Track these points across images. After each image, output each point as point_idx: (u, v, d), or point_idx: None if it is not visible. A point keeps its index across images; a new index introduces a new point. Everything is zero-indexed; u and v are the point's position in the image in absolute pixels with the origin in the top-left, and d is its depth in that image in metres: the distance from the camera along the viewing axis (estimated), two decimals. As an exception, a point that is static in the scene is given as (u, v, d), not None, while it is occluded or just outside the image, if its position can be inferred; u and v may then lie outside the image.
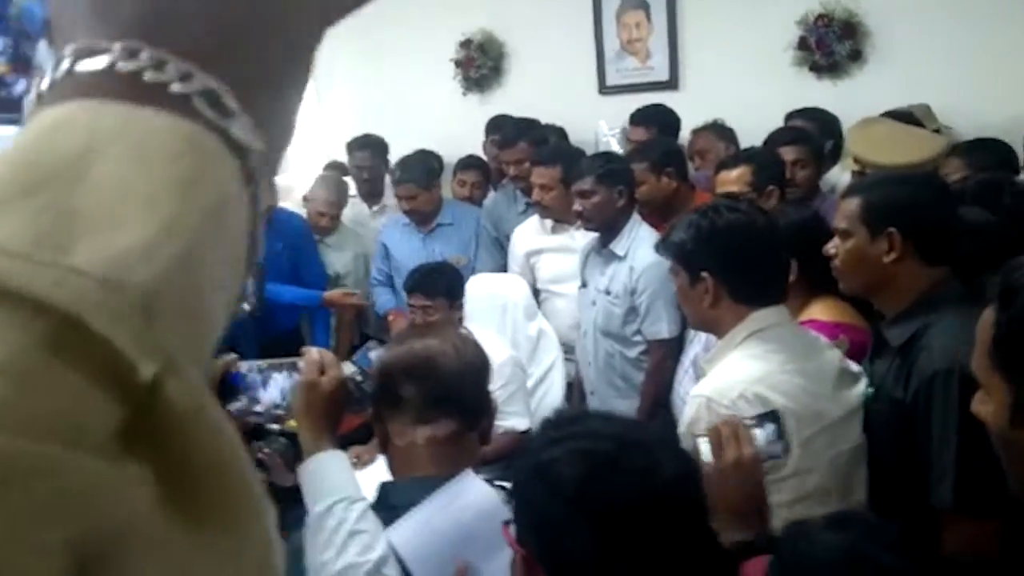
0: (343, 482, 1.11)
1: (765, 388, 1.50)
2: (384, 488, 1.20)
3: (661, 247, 1.79)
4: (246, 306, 1.15)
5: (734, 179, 2.58)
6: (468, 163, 3.93)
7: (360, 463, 2.83)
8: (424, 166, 3.60)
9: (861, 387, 1.64)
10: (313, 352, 1.19)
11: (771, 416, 1.19)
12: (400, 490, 1.17)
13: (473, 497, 1.14)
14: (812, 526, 0.83)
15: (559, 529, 0.81)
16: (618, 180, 2.70)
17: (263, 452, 1.54)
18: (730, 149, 3.17)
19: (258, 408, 1.22)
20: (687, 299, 1.65)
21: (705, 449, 1.12)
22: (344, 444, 2.92)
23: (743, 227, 1.66)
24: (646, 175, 2.88)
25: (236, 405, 1.21)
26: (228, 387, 1.20)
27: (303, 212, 3.86)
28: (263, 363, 1.23)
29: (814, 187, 2.88)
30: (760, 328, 1.57)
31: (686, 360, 2.52)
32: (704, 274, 1.58)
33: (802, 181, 2.79)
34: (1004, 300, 0.80)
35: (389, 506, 1.14)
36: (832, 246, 1.75)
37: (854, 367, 1.69)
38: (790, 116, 3.28)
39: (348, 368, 3.44)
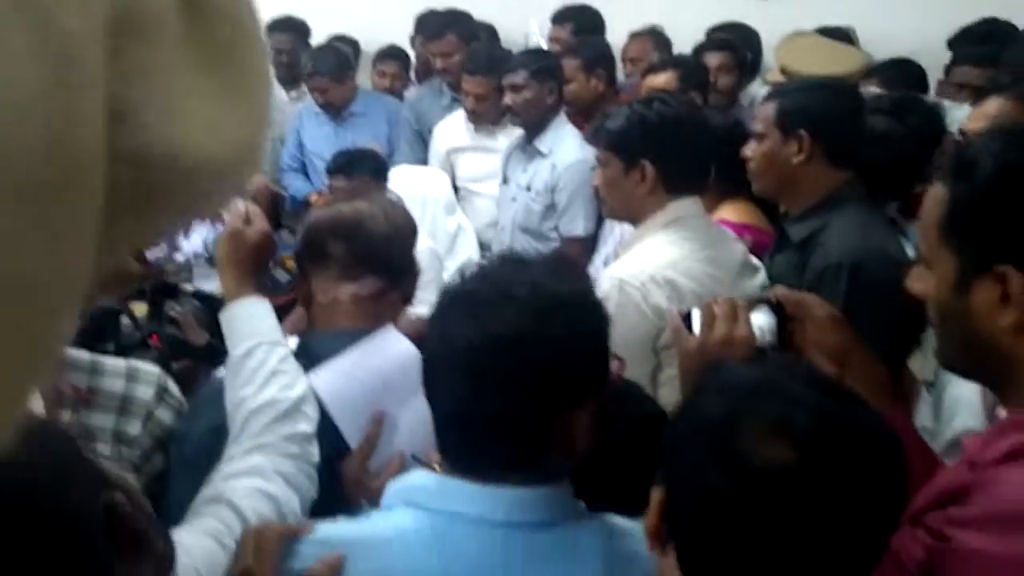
0: (265, 327, 1.12)
1: (676, 273, 1.59)
2: (305, 339, 1.22)
3: (593, 136, 1.82)
4: None
5: (660, 83, 2.62)
6: (388, 53, 3.82)
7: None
8: (337, 57, 3.48)
9: (760, 279, 1.75)
10: (239, 202, 1.18)
11: (771, 306, 1.13)
12: (322, 341, 1.19)
13: (393, 349, 1.17)
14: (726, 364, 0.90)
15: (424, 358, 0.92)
16: (549, 77, 2.70)
17: (176, 311, 1.53)
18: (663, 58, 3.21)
19: (178, 256, 1.21)
20: (616, 187, 1.69)
21: (696, 320, 1.09)
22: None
23: (683, 117, 1.72)
24: (576, 73, 2.89)
25: (155, 253, 1.19)
26: None
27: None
28: None
29: (733, 97, 2.96)
30: (679, 217, 1.65)
31: (598, 259, 2.60)
32: (644, 160, 1.63)
33: (724, 88, 2.86)
34: (959, 174, 0.86)
35: (310, 355, 1.16)
36: (748, 148, 1.83)
37: (755, 261, 1.79)
38: (713, 30, 3.33)
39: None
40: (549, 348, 0.84)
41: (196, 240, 1.20)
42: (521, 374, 0.83)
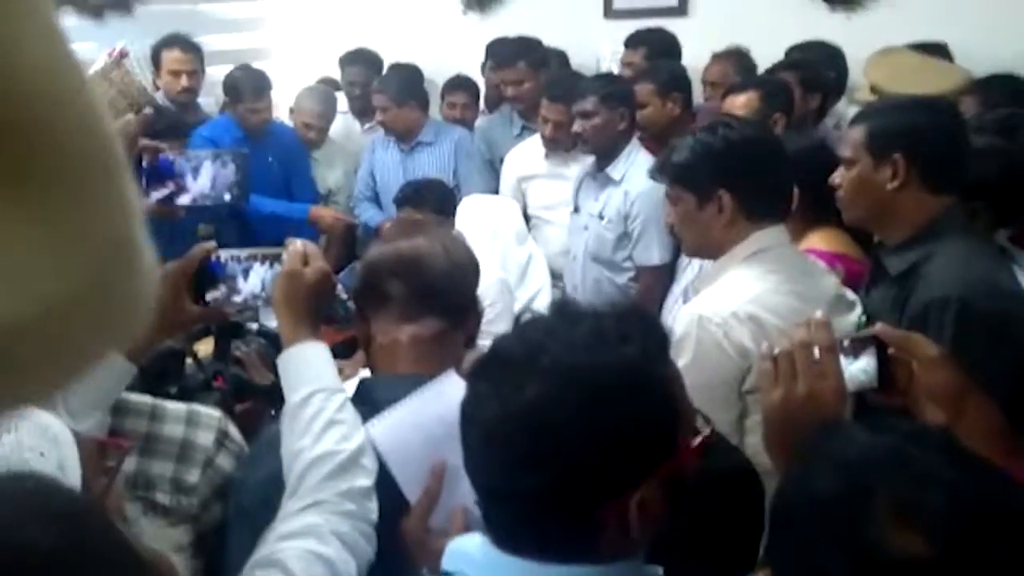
0: (323, 373, 1.07)
1: (758, 308, 1.47)
2: (364, 384, 1.17)
3: (659, 171, 1.72)
4: (227, 195, 1.08)
5: (741, 104, 2.51)
6: (457, 83, 3.82)
7: (343, 377, 2.80)
8: (401, 80, 3.50)
9: (855, 315, 1.61)
10: (297, 242, 1.14)
11: (870, 342, 1.02)
12: (381, 386, 1.13)
13: (456, 396, 1.10)
14: (843, 426, 0.78)
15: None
16: (620, 102, 2.62)
17: (240, 350, 1.51)
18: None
19: (236, 298, 1.18)
20: (692, 222, 1.59)
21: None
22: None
23: (754, 141, 1.62)
24: (651, 97, 2.80)
25: (214, 294, 1.16)
26: (207, 275, 1.15)
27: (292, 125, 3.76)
28: (244, 252, 1.17)
29: (816, 118, 2.81)
30: (762, 248, 1.53)
31: (677, 289, 2.50)
32: (719, 191, 1.53)
33: (802, 108, 2.71)
34: None
35: (369, 401, 1.10)
36: (838, 175, 1.70)
37: (850, 295, 1.66)
38: (792, 50, 3.18)
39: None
40: (581, 425, 0.73)
41: (255, 280, 1.16)
42: (554, 451, 0.73)
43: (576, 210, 2.86)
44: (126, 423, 1.13)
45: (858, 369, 1.03)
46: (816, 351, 0.96)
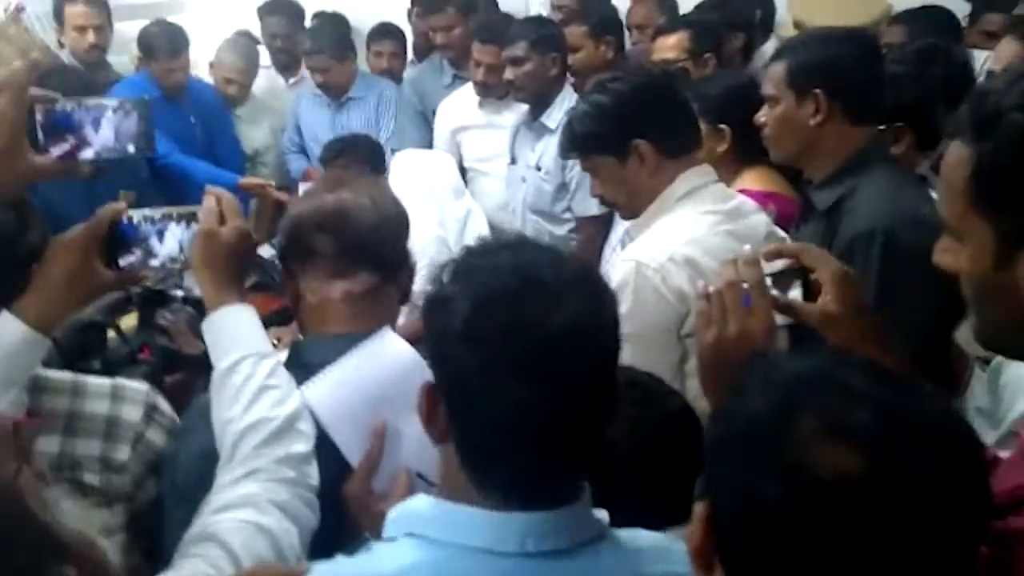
0: (250, 337, 1.03)
1: (695, 250, 1.48)
2: (296, 346, 1.13)
3: (569, 150, 1.70)
4: (131, 147, 0.99)
5: (671, 45, 2.49)
6: (383, 31, 3.69)
7: (281, 345, 2.74)
8: (336, 34, 3.38)
9: (788, 252, 1.63)
10: (211, 197, 1.08)
11: (795, 274, 1.03)
12: (314, 347, 1.09)
13: (393, 354, 1.08)
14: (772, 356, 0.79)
15: (451, 363, 0.78)
16: (551, 46, 2.57)
17: (166, 319, 1.44)
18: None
19: (153, 262, 1.11)
20: (621, 182, 1.58)
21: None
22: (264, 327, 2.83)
23: (645, 86, 1.63)
24: (583, 40, 2.76)
25: (129, 259, 1.10)
26: (118, 238, 1.08)
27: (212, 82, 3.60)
28: (158, 212, 1.11)
29: (746, 60, 2.82)
30: (692, 188, 1.54)
31: (614, 238, 2.49)
32: (635, 142, 1.52)
33: (730, 51, 2.71)
34: (981, 131, 0.73)
35: (302, 364, 1.07)
36: (762, 114, 1.70)
37: (781, 233, 1.67)
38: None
39: (267, 252, 3.29)
40: (613, 339, 0.80)
41: (171, 242, 1.10)
42: (596, 371, 0.78)
43: (513, 161, 2.82)
44: (44, 401, 1.07)
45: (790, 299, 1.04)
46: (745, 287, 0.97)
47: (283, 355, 1.09)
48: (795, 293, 1.05)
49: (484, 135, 3.08)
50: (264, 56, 3.70)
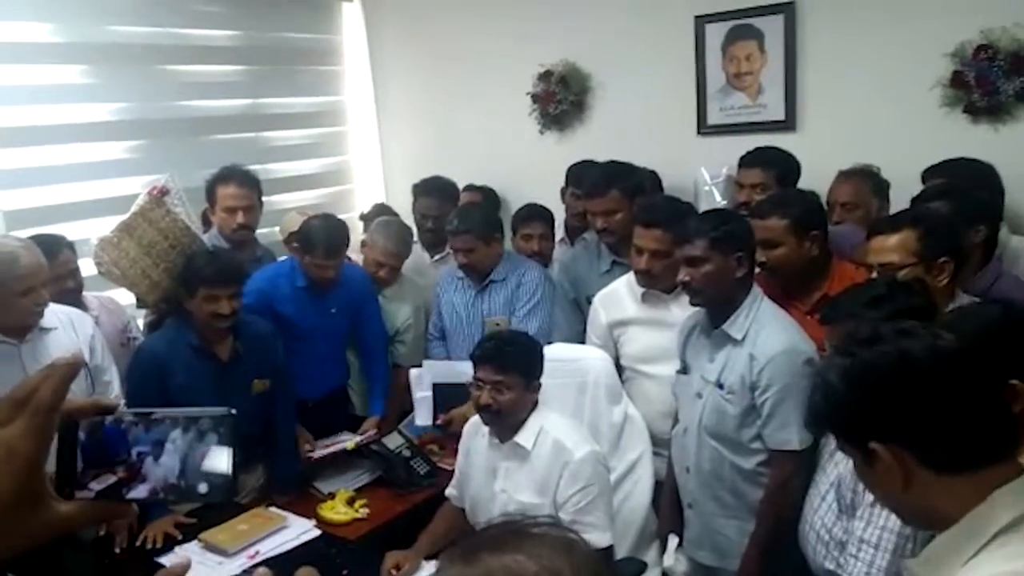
0: None
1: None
2: None
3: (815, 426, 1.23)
4: (203, 486, 0.78)
5: (893, 246, 2.01)
6: (531, 214, 3.47)
7: (399, 574, 2.34)
8: (484, 216, 3.16)
9: None
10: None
11: None
12: None
13: None
14: None
15: None
16: (736, 244, 2.15)
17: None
18: (883, 207, 2.58)
19: (140, 489, 0.69)
20: (874, 483, 1.09)
21: None
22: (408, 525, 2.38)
23: (916, 358, 1.04)
24: (785, 236, 2.32)
25: (107, 481, 0.68)
26: (95, 447, 0.67)
27: (359, 258, 3.44)
28: (158, 412, 0.69)
29: (986, 260, 2.28)
30: (1020, 515, 1.00)
31: (824, 482, 1.94)
32: (875, 446, 1.03)
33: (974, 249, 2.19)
34: None
35: None
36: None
37: None
38: (930, 171, 2.67)
39: (395, 440, 2.92)
40: None
41: (170, 459, 0.69)
42: None
43: (683, 371, 2.36)
44: None
45: None
46: None
47: None
48: None
49: (647, 332, 2.67)
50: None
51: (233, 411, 0.70)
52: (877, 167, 2.83)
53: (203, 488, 0.68)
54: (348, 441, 2.97)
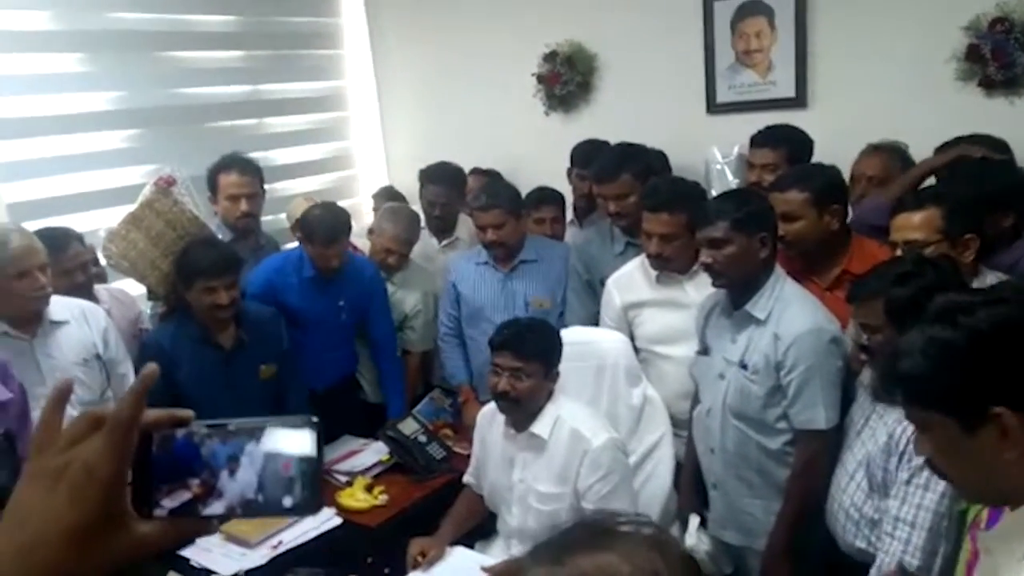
0: None
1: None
2: None
3: (889, 390, 1.20)
4: (288, 500, 0.62)
5: (918, 224, 2.00)
6: (543, 197, 3.42)
7: (425, 561, 2.33)
8: (511, 191, 3.12)
9: None
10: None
11: None
12: None
13: None
14: None
15: None
16: (759, 225, 2.13)
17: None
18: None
19: (216, 505, 0.65)
20: (958, 456, 1.07)
21: None
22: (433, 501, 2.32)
23: (1014, 319, 1.08)
24: (805, 209, 2.30)
25: (182, 497, 0.65)
26: (168, 463, 0.62)
27: (365, 246, 3.40)
28: (230, 424, 0.65)
29: (1014, 239, 2.26)
30: None
31: (851, 460, 1.94)
32: (999, 410, 1.01)
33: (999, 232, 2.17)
34: None
35: None
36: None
37: None
38: (944, 148, 2.65)
39: (410, 426, 2.90)
40: None
41: (247, 474, 0.65)
42: None
43: (704, 351, 2.35)
44: None
45: None
46: None
47: None
48: None
49: (663, 313, 2.65)
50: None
51: (315, 418, 0.66)
52: (905, 144, 2.81)
53: (288, 502, 0.64)
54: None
